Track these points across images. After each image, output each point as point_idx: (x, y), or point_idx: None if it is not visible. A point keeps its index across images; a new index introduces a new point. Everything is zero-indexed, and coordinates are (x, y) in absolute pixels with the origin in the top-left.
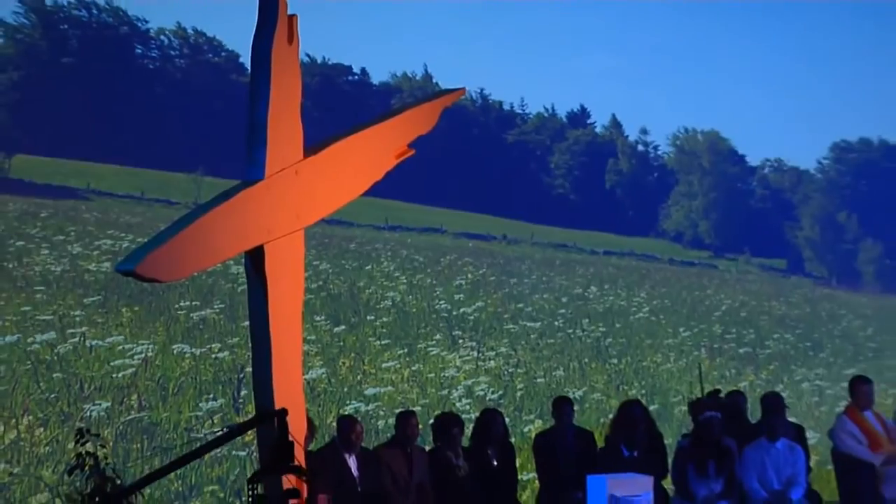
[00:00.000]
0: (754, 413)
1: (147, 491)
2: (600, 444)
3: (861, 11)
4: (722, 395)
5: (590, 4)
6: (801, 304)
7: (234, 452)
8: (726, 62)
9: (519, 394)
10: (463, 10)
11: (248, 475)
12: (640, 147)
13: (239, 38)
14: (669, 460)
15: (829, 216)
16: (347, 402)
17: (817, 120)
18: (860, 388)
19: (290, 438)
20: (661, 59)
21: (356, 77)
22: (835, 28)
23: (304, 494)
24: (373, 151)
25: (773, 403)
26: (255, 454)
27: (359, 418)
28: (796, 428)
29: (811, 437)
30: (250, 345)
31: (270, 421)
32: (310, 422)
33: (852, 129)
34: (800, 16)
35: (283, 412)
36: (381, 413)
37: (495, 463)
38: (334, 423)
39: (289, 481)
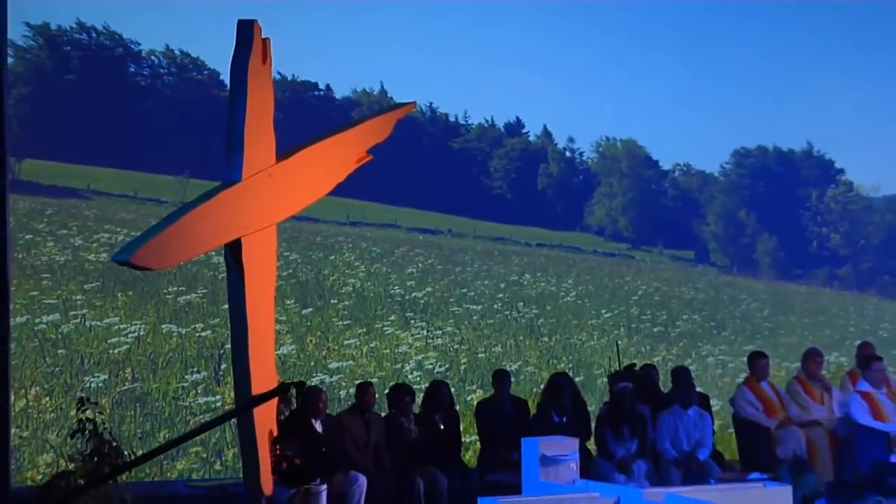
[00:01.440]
0: (666, 384)
1: (139, 452)
2: (533, 411)
3: (755, 28)
4: (637, 368)
5: (523, 28)
6: (706, 289)
7: None
8: (643, 77)
9: (463, 367)
10: (414, 34)
11: (228, 440)
12: (568, 153)
13: (220, 59)
14: (593, 425)
15: (730, 213)
16: (314, 374)
17: (720, 128)
18: (757, 362)
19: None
20: (587, 76)
21: (321, 92)
22: (734, 42)
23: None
24: (336, 157)
25: (682, 375)
26: (234, 421)
27: (324, 389)
28: (702, 396)
29: (715, 404)
30: (229, 325)
31: (289, 392)
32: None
33: (750, 137)
34: (700, 33)
35: (303, 384)
36: (343, 384)
37: (442, 427)
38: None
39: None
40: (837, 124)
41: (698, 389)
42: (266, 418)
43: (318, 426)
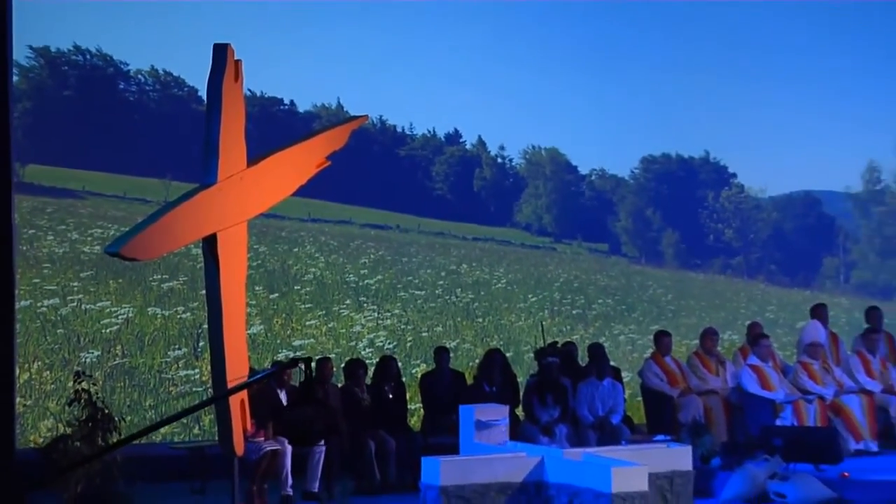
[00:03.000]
0: (583, 358)
1: (128, 418)
2: (470, 382)
3: (658, 49)
4: (559, 345)
5: (461, 50)
6: (618, 277)
7: (194, 389)
8: (565, 93)
9: (409, 344)
10: (366, 57)
11: (208, 410)
12: (499, 160)
13: (198, 77)
14: (521, 394)
15: (639, 212)
16: (280, 350)
17: (631, 138)
18: (662, 340)
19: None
20: (517, 92)
21: (286, 107)
22: (644, 62)
23: (249, 423)
24: (299, 163)
25: (597, 351)
26: (209, 390)
27: None
28: (615, 369)
29: (626, 376)
30: (206, 308)
31: (299, 366)
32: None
33: (656, 146)
34: (615, 55)
35: (310, 359)
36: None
37: (391, 396)
38: (269, 367)
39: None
40: (731, 134)
41: (611, 363)
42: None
43: (283, 395)
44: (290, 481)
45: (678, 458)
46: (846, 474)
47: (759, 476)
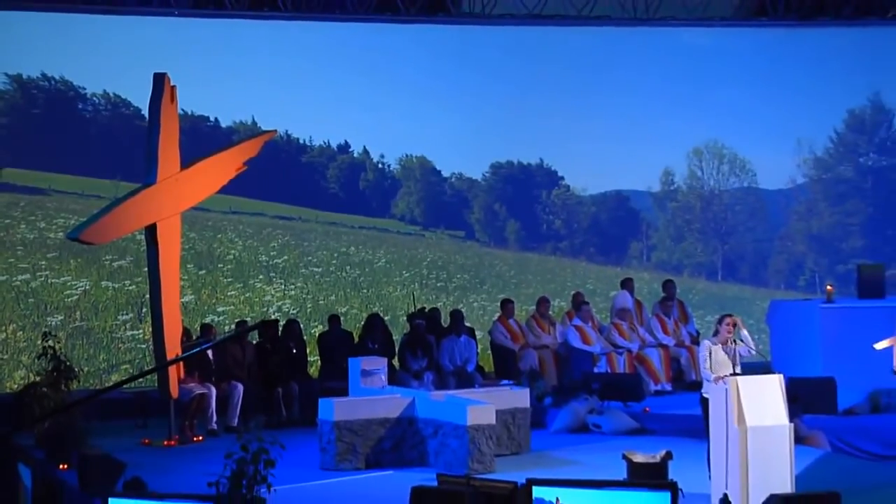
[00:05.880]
0: (445, 321)
1: (85, 369)
2: (356, 340)
3: (504, 68)
4: (426, 310)
5: (350, 76)
6: (473, 257)
7: (138, 346)
8: (432, 112)
9: (308, 310)
10: (275, 82)
11: (147, 360)
12: (380, 165)
13: (141, 99)
14: (396, 348)
15: (489, 206)
16: (207, 316)
17: (482, 148)
18: (507, 306)
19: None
20: (394, 110)
21: (211, 123)
22: (496, 83)
23: (182, 373)
24: (221, 168)
25: (456, 315)
26: (150, 347)
27: (214, 325)
28: (470, 329)
29: (478, 334)
30: (148, 281)
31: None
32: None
33: (502, 154)
34: (469, 78)
35: (276, 322)
36: (227, 322)
37: (294, 351)
38: (198, 328)
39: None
40: (560, 145)
41: (467, 324)
42: (174, 347)
43: (210, 351)
44: (214, 418)
45: (519, 398)
46: (647, 409)
47: (580, 411)
